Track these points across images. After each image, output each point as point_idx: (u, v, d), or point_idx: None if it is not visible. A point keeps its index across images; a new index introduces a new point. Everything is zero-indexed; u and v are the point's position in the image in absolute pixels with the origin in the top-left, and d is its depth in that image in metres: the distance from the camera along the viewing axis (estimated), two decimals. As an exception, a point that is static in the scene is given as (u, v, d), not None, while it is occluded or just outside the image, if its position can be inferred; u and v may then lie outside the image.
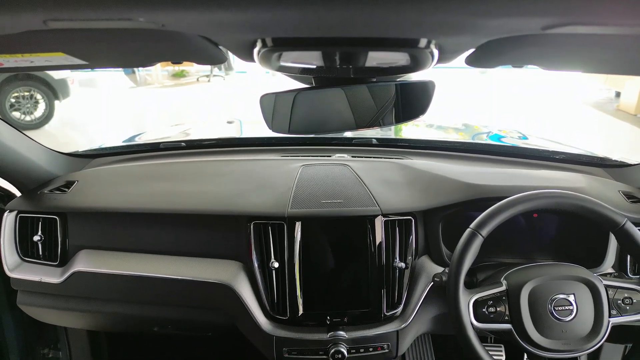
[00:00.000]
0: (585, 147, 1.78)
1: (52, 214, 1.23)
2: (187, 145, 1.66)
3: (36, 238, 1.23)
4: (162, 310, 1.26)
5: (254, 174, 1.35)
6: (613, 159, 1.52)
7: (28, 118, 6.36)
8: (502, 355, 1.84)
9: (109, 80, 10.56)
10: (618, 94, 8.41)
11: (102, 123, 7.10)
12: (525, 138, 2.13)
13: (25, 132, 1.28)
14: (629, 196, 1.25)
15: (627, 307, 0.99)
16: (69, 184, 1.31)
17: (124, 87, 10.58)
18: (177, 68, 11.80)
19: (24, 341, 1.56)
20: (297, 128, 0.91)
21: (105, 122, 7.16)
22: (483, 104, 8.70)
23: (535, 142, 2.16)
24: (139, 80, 11.25)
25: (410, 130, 2.26)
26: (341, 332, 1.14)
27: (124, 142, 1.97)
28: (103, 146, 1.74)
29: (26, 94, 6.31)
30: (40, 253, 1.24)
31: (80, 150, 1.60)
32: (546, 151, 1.61)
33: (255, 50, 0.59)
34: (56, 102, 6.50)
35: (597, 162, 1.51)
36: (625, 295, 0.99)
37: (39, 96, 6.37)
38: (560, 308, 0.97)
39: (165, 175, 1.38)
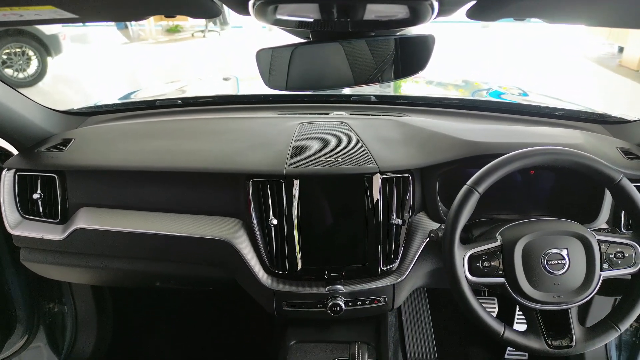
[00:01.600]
0: (585, 104, 1.77)
1: (51, 172, 1.23)
2: (184, 103, 1.64)
3: (35, 196, 1.23)
4: (163, 266, 1.28)
5: (251, 131, 1.35)
6: (612, 115, 1.51)
7: (21, 75, 6.25)
8: (495, 308, 1.90)
9: (102, 35, 10.29)
10: (621, 49, 8.26)
11: (96, 80, 6.98)
12: (525, 95, 2.11)
13: (18, 89, 1.26)
14: (626, 152, 1.25)
15: (619, 261, 1.01)
16: (65, 142, 1.30)
17: (117, 42, 10.33)
18: (171, 23, 11.49)
19: (29, 297, 1.60)
20: (295, 84, 0.90)
21: (100, 79, 7.04)
22: (485, 59, 8.55)
23: (536, 98, 2.15)
24: (132, 36, 10.97)
25: (409, 87, 2.23)
26: (339, 286, 1.17)
27: (119, 99, 1.94)
28: (99, 104, 1.72)
29: (18, 50, 6.18)
30: (41, 211, 1.25)
31: (75, 108, 1.59)
32: (545, 108, 1.60)
33: (251, 3, 0.57)
34: (49, 59, 6.36)
35: (596, 119, 1.51)
36: (618, 249, 1.01)
37: (30, 53, 6.24)
38: (552, 262, 0.99)
39: (163, 133, 1.37)
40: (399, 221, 1.17)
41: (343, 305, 1.16)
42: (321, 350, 1.29)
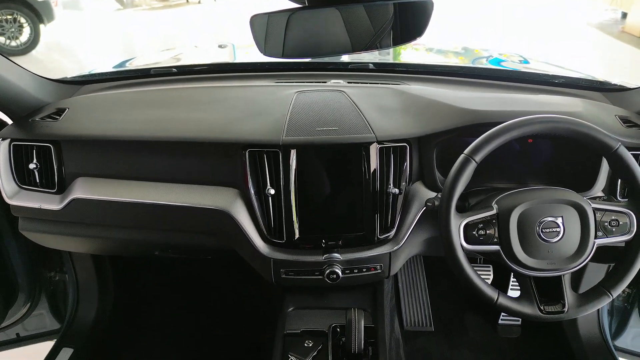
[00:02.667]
0: (587, 71, 1.75)
1: (46, 142, 1.22)
2: (179, 72, 1.62)
3: (32, 166, 1.23)
4: (161, 235, 1.29)
5: (247, 100, 1.33)
6: (612, 82, 1.50)
7: (13, 43, 6.13)
8: (490, 275, 1.93)
9: (94, 1, 10.04)
10: (624, 15, 8.10)
11: (89, 48, 6.85)
12: (526, 62, 2.08)
13: (11, 58, 1.24)
14: (625, 120, 1.25)
15: (613, 229, 1.02)
16: (60, 112, 1.29)
17: (110, 9, 10.09)
18: (165, -12, 11.21)
19: (30, 265, 1.62)
20: (292, 52, 0.89)
21: (93, 47, 6.91)
22: (485, 26, 8.40)
23: (537, 66, 2.12)
24: (125, 2, 10.71)
25: (408, 54, 2.20)
26: (336, 254, 1.19)
27: (114, 68, 1.92)
28: (93, 72, 1.69)
29: (9, 17, 6.05)
30: (37, 181, 1.25)
31: (69, 76, 1.56)
32: (545, 75, 1.58)
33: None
34: (41, 27, 6.24)
35: (596, 86, 1.49)
36: (613, 217, 1.02)
37: (22, 20, 6.11)
38: (547, 230, 1.00)
39: (158, 102, 1.35)
40: (396, 190, 1.17)
41: (340, 273, 1.17)
42: (319, 316, 1.31)
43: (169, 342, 1.95)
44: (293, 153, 1.13)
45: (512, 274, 1.06)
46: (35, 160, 1.23)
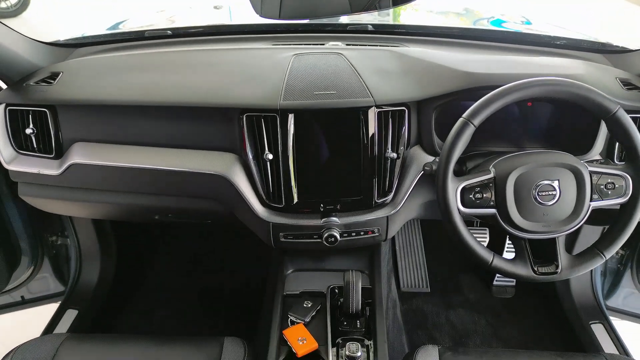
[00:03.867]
0: (589, 33, 1.72)
1: (41, 106, 1.21)
2: (173, 34, 1.58)
3: (28, 131, 1.22)
4: (160, 200, 1.30)
5: (244, 64, 1.31)
6: (614, 44, 1.47)
7: (3, 5, 5.96)
8: (485, 238, 1.96)
9: (85, -40, 9.71)
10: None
11: (81, 8, 6.67)
12: (528, 23, 2.04)
13: (1, 20, 1.21)
14: (625, 83, 1.24)
15: (609, 192, 1.03)
16: (54, 76, 1.27)
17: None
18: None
19: (31, 230, 1.64)
20: (289, 13, 0.87)
21: (85, 7, 6.73)
22: (487, -15, 8.16)
23: (539, 27, 2.08)
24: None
25: (408, 15, 2.15)
26: (334, 218, 1.20)
27: (107, 30, 1.88)
28: (86, 35, 1.66)
29: (-3, -23, 5.85)
30: (35, 146, 1.24)
31: (62, 39, 1.53)
32: (547, 37, 1.56)
33: None
34: (31, -13, 6.05)
35: (598, 48, 1.47)
36: (609, 180, 1.02)
37: (12, -20, 5.91)
38: (543, 193, 1.01)
39: (152, 66, 1.33)
40: (394, 155, 1.17)
41: (338, 236, 1.19)
42: (317, 278, 1.34)
43: (171, 304, 2.00)
44: (291, 118, 1.12)
45: (507, 236, 1.08)
46: (31, 126, 1.22)
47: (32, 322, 1.82)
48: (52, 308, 1.81)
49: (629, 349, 1.62)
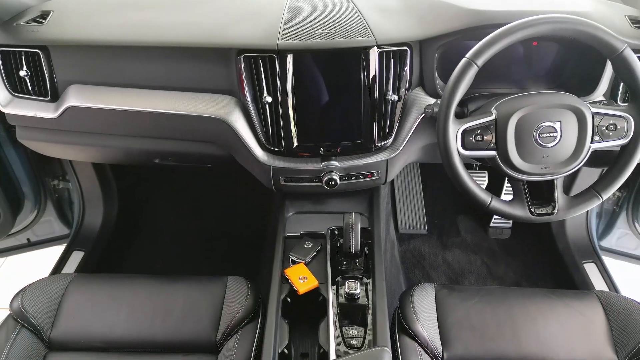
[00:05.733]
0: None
1: (33, 47, 1.18)
2: None
3: (22, 73, 1.19)
4: (159, 143, 1.29)
5: (239, 2, 1.26)
6: None
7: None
8: (484, 180, 1.98)
9: None
10: None
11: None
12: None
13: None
14: (634, 21, 1.20)
15: (610, 133, 1.02)
16: (44, 15, 1.23)
17: None
18: None
19: (32, 174, 1.65)
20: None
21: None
22: None
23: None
24: None
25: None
26: (334, 162, 1.20)
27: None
28: None
29: None
30: (30, 88, 1.22)
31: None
32: None
33: None
34: None
35: None
36: (611, 122, 1.02)
37: None
38: (544, 135, 1.01)
39: (146, 4, 1.28)
40: (395, 97, 1.15)
41: (338, 180, 1.20)
42: (317, 220, 1.36)
43: (173, 246, 2.05)
44: (289, 58, 1.09)
45: (506, 178, 1.09)
46: (25, 67, 1.19)
47: (40, 263, 1.87)
48: (58, 250, 1.86)
49: (618, 287, 1.68)
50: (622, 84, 1.18)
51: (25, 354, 1.08)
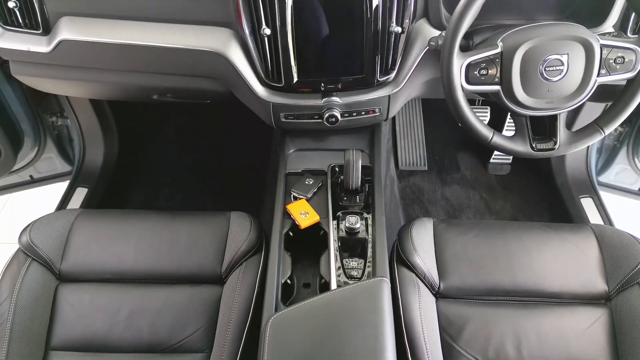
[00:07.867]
0: None
1: None
2: None
3: (11, 4, 1.14)
4: (157, 78, 1.26)
5: None
6: None
7: None
8: (487, 116, 1.96)
9: None
10: None
11: None
12: None
13: None
14: None
15: (617, 67, 1.00)
16: None
17: None
18: None
19: (30, 111, 1.63)
20: None
21: None
22: None
23: None
24: None
25: None
26: (335, 98, 1.18)
27: None
28: None
29: None
30: (20, 21, 1.18)
31: None
32: None
33: None
34: None
35: None
36: (619, 54, 0.99)
37: None
38: (551, 68, 0.98)
39: None
40: (399, 29, 1.11)
41: (339, 116, 1.19)
42: (318, 157, 1.37)
43: (175, 183, 2.07)
44: (289, -12, 1.04)
45: (508, 114, 1.07)
46: None
47: (45, 200, 1.90)
48: (61, 187, 1.88)
49: (613, 220, 1.72)
50: (633, 15, 1.14)
51: (37, 286, 1.13)
